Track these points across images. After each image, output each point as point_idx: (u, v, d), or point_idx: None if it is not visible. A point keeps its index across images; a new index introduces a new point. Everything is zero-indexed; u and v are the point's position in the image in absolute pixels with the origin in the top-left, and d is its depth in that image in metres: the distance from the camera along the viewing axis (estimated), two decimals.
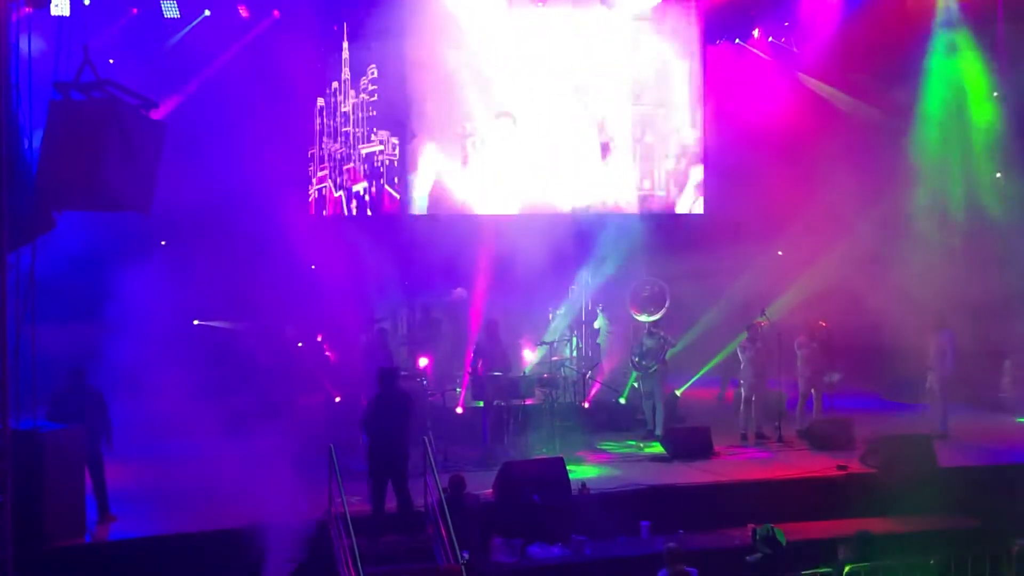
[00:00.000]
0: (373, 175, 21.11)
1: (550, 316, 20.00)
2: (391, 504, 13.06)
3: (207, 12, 20.46)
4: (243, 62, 20.84)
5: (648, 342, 17.76)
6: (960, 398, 18.31)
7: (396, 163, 20.85)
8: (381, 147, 21.00)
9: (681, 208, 22.09)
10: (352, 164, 21.34)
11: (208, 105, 20.20)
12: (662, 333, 17.99)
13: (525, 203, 20.97)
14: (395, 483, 13.04)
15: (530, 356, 18.99)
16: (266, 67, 20.80)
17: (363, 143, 21.17)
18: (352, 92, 21.24)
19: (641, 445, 17.23)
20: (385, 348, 18.00)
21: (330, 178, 21.58)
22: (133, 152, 11.00)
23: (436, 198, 20.83)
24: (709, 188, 22.07)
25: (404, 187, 20.91)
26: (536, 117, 20.89)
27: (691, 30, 21.98)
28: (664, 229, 21.51)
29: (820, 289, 19.75)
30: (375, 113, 20.99)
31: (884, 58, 20.90)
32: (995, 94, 20.72)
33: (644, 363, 17.64)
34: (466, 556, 12.02)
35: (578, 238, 20.24)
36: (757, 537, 12.06)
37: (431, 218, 20.74)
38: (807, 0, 21.93)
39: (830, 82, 22.31)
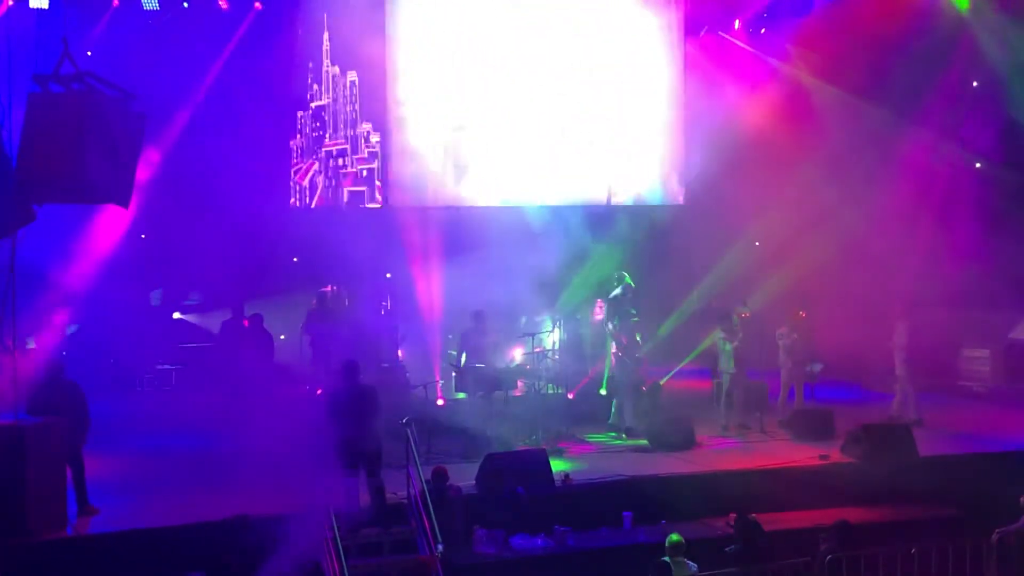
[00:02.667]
0: (351, 166, 21.08)
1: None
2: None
3: (185, 4, 20.39)
4: (225, 54, 20.86)
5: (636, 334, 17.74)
6: (924, 386, 18.47)
7: (378, 155, 20.79)
8: (364, 138, 20.98)
9: (662, 198, 22.08)
10: (334, 156, 21.31)
11: (190, 98, 20.22)
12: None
13: (505, 195, 20.93)
14: (368, 475, 12.94)
15: (518, 351, 18.95)
16: (248, 60, 20.80)
17: (345, 134, 21.13)
18: (333, 84, 21.21)
19: (624, 436, 17.25)
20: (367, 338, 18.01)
21: (312, 170, 21.54)
22: (113, 144, 10.96)
23: (417, 190, 20.78)
24: (690, 178, 22.07)
25: (385, 179, 20.87)
26: (515, 110, 20.84)
27: (673, 21, 21.98)
28: (644, 219, 21.54)
29: (800, 279, 19.83)
30: (357, 104, 20.95)
31: (866, 47, 20.93)
32: None
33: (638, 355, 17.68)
34: (440, 548, 12.03)
35: (557, 229, 20.24)
36: (736, 527, 12.11)
37: (410, 210, 20.70)
38: None
39: (810, 72, 22.34)
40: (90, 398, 13.16)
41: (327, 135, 21.30)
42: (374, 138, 20.71)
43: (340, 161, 21.22)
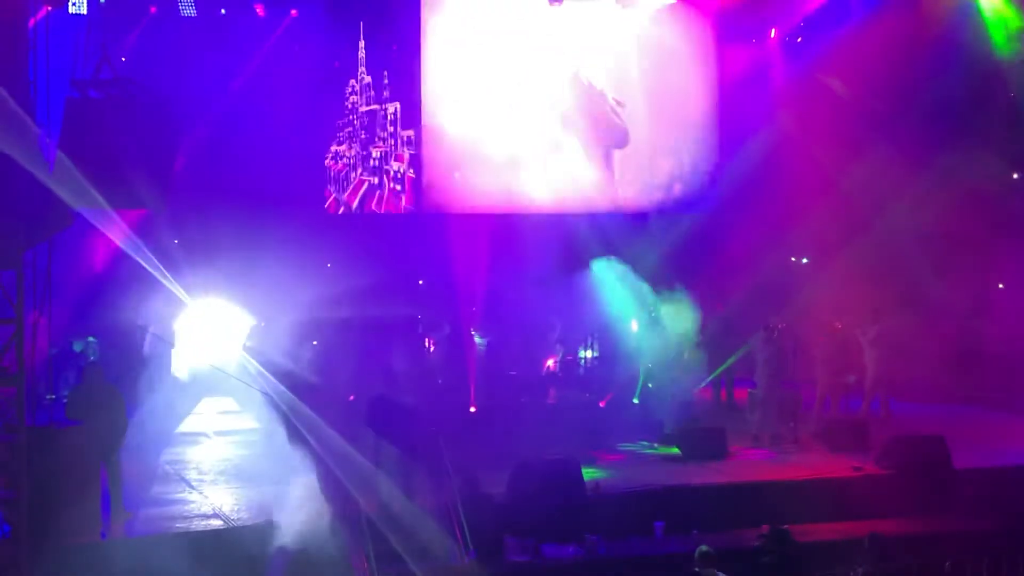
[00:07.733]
0: (387, 173, 21.15)
1: None
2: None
3: (223, 11, 20.53)
4: (261, 61, 20.99)
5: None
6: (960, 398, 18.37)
7: (411, 161, 20.87)
8: (400, 144, 21.07)
9: (693, 207, 22.05)
10: (369, 163, 21.41)
11: (226, 104, 20.33)
12: None
13: (539, 202, 20.93)
14: None
15: (551, 360, 18.94)
16: (284, 66, 20.92)
17: (380, 140, 21.23)
18: (368, 91, 21.30)
19: (656, 445, 17.18)
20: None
21: (347, 176, 21.64)
22: (148, 150, 11.06)
23: (451, 196, 20.83)
24: (724, 187, 22.03)
25: (419, 185, 20.93)
26: (549, 115, 20.87)
27: (706, 30, 21.97)
28: (676, 228, 21.50)
29: (836, 290, 19.72)
30: (392, 111, 21.05)
31: (901, 56, 20.80)
32: None
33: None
34: (473, 556, 12.02)
35: (590, 238, 20.22)
36: (768, 538, 12.03)
37: (445, 216, 20.76)
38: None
39: (846, 82, 22.22)
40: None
41: (362, 142, 21.38)
42: (407, 148, 20.83)
43: (375, 168, 21.31)
